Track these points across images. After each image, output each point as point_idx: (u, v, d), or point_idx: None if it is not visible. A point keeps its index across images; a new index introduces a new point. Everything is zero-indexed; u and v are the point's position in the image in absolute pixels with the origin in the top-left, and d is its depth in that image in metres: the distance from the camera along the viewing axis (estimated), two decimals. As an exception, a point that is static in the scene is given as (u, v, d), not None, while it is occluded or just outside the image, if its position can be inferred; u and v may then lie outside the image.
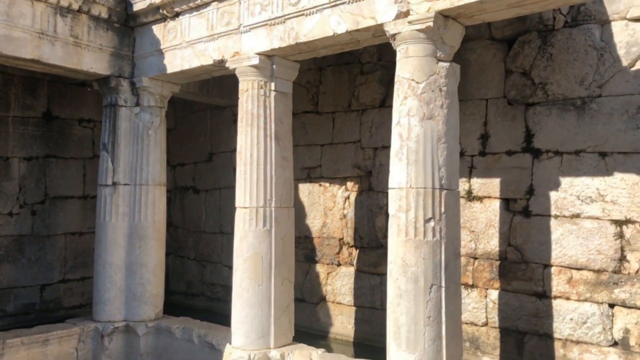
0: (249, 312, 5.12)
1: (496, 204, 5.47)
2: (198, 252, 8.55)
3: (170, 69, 5.93)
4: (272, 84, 5.21)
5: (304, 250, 7.06)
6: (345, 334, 6.61)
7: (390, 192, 4.21)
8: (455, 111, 4.22)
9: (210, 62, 5.53)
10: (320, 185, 6.93)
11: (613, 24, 4.86)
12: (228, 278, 6.96)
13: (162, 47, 5.97)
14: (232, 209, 5.37)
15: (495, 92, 5.50)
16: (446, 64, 4.14)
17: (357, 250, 6.56)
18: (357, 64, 6.60)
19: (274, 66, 5.17)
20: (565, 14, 5.11)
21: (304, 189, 7.07)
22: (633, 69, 4.75)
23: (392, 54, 4.35)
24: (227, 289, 6.95)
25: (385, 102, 6.28)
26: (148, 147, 6.29)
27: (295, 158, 7.04)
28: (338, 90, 6.79)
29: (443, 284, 4.03)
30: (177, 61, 5.85)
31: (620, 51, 4.81)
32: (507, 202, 5.41)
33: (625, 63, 4.78)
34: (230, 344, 5.29)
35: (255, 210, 5.11)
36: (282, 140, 5.29)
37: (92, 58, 5.92)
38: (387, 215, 4.30)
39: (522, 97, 5.33)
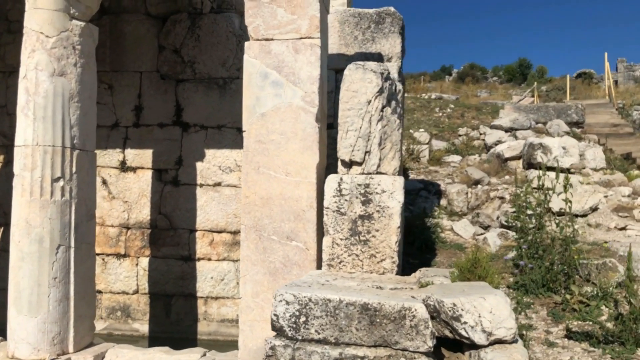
0: None
1: (149, 175, 5.65)
2: None
3: None
4: None
5: None
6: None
7: (15, 149, 3.94)
8: (91, 72, 4.21)
9: None
10: (-44, 155, 6.03)
11: (250, 16, 5.54)
12: None
13: None
14: None
15: (150, 65, 5.69)
16: (81, 23, 4.10)
17: (2, 228, 5.93)
18: (3, 22, 5.96)
19: None
20: (212, 1, 5.61)
21: None
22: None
23: (23, 4, 4.08)
24: None
25: (37, 67, 5.82)
26: None
27: None
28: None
29: (72, 244, 3.97)
30: None
31: (255, 40, 5.52)
32: (159, 173, 5.65)
33: (258, 51, 5.51)
34: None
35: None
36: None
37: None
38: (13, 176, 4.01)
39: (174, 73, 5.64)
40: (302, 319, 2.42)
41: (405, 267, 4.13)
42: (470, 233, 5.29)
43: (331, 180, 3.47)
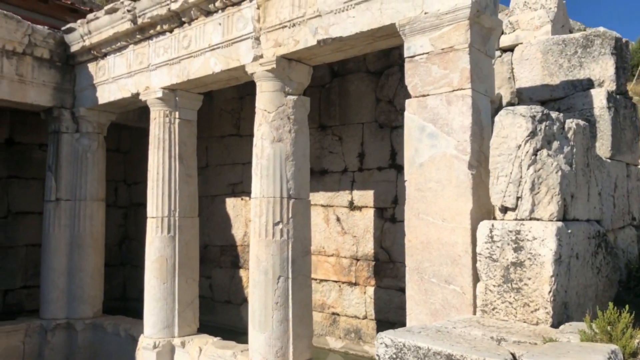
0: (155, 306, 6.03)
1: (371, 212, 6.36)
2: (149, 262, 9.48)
3: (101, 101, 6.97)
4: (177, 113, 6.20)
5: (230, 257, 7.98)
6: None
7: (251, 201, 5.14)
8: (304, 135, 5.16)
9: (129, 95, 6.55)
10: (242, 199, 7.86)
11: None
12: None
13: (95, 82, 7.01)
14: (146, 219, 6.32)
15: (369, 117, 6.44)
16: (294, 97, 5.10)
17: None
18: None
19: (177, 98, 6.17)
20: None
21: (230, 202, 8.02)
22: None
23: (256, 88, 5.31)
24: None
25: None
26: (86, 168, 7.29)
27: (221, 175, 8.04)
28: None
29: (290, 275, 4.93)
30: (105, 94, 6.88)
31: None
32: (379, 211, 6.30)
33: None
34: (142, 334, 6.20)
35: (161, 220, 6.06)
36: (186, 160, 6.26)
37: (36, 92, 6.99)
38: (251, 220, 5.22)
39: (388, 121, 6.25)
40: (398, 362, 2.69)
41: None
42: None
43: (483, 227, 3.52)
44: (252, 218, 5.07)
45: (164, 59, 6.05)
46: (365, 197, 6.43)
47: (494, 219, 3.61)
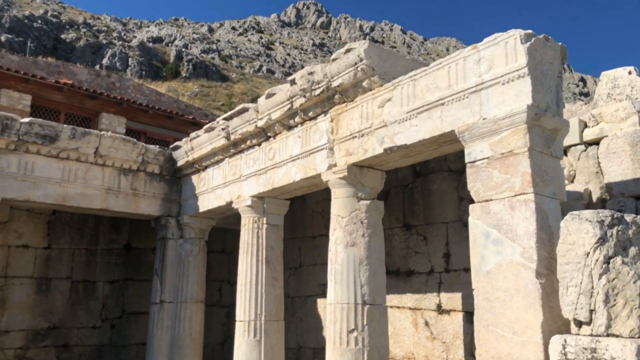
0: (242, 411, 6.07)
1: (460, 317, 6.05)
2: None
3: (201, 209, 7.58)
4: (265, 219, 6.55)
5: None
6: None
7: (327, 307, 5.16)
8: (378, 238, 5.19)
9: (224, 203, 7.07)
10: (333, 300, 7.86)
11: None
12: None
13: (196, 192, 7.69)
14: (235, 322, 6.54)
15: (453, 216, 6.31)
16: (367, 202, 5.20)
17: None
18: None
19: (265, 205, 6.54)
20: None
21: (321, 303, 8.05)
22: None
23: (332, 195, 5.51)
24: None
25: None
26: (188, 271, 7.82)
27: (313, 275, 8.18)
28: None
29: (366, 386, 4.76)
30: (205, 202, 7.50)
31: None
32: (469, 315, 5.97)
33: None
34: None
35: (248, 323, 6.25)
36: (272, 263, 6.50)
37: (147, 203, 7.80)
38: (328, 326, 5.20)
39: (472, 220, 6.07)
40: None
41: None
42: None
43: (555, 342, 3.23)
44: (327, 325, 5.06)
45: (253, 169, 6.53)
46: (453, 300, 6.15)
47: (570, 332, 3.31)
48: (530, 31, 3.82)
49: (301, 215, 8.37)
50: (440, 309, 6.27)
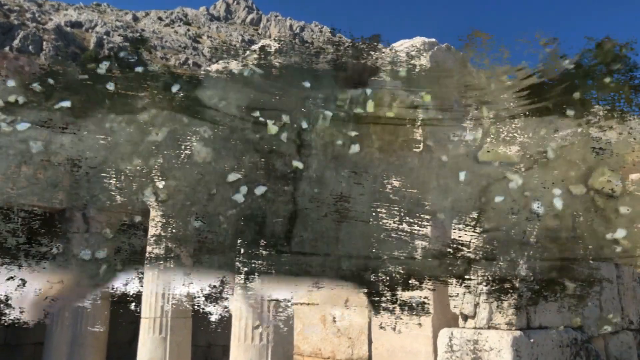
0: (144, 410, 5.90)
1: (365, 312, 6.19)
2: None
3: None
4: (174, 214, 6.39)
5: (232, 357, 7.79)
6: None
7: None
8: (286, 235, 5.22)
9: (133, 196, 6.82)
10: (244, 297, 7.81)
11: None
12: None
13: (105, 184, 7.37)
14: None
15: (362, 215, 6.46)
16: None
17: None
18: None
19: (175, 199, 6.38)
20: None
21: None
22: None
23: None
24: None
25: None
26: (93, 266, 7.48)
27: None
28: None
29: (269, 382, 4.78)
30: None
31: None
32: (374, 311, 6.14)
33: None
34: None
35: (153, 320, 6.08)
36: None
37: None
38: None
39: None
40: None
41: None
42: None
43: (442, 335, 3.40)
44: (233, 321, 5.03)
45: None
46: (359, 295, 6.29)
47: (457, 326, 3.49)
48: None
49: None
50: (347, 305, 6.39)
